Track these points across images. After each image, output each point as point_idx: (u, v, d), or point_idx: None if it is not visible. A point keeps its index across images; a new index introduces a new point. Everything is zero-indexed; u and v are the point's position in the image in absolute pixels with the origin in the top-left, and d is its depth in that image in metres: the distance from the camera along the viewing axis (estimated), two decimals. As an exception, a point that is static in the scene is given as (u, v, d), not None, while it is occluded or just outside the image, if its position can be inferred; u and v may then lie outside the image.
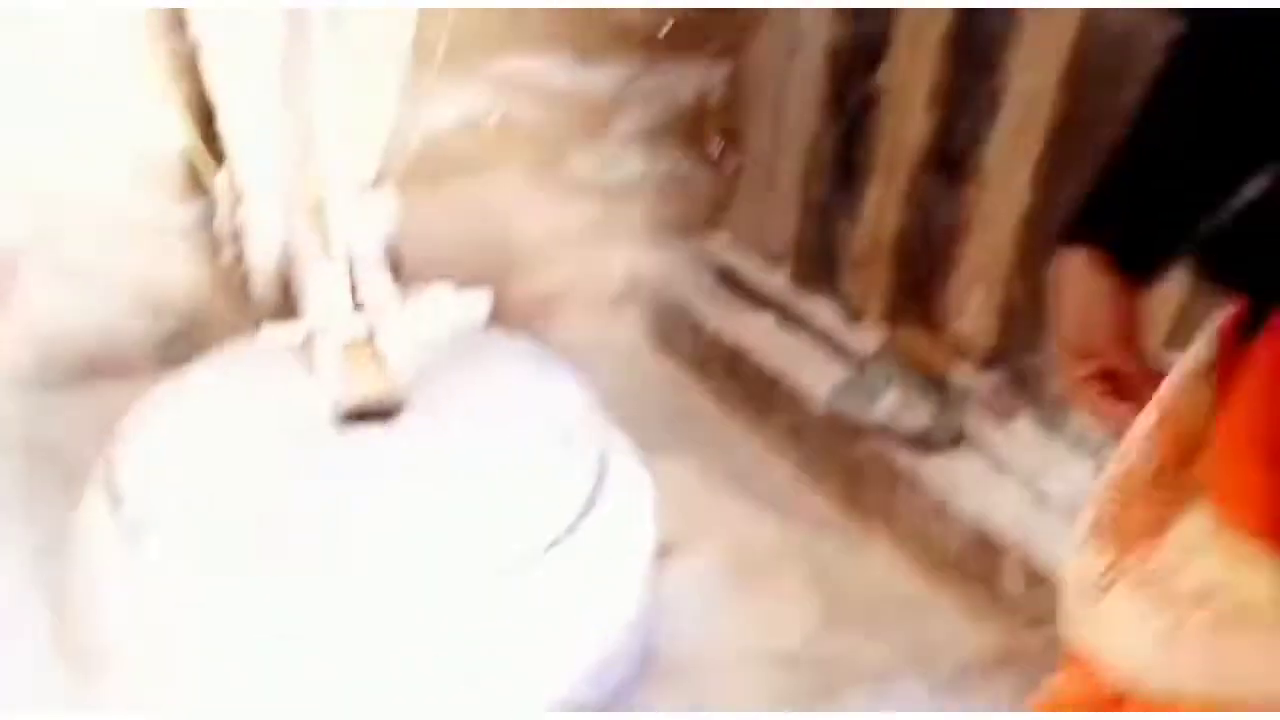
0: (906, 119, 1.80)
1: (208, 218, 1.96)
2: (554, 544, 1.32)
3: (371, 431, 1.38)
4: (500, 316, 1.60)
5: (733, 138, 2.38)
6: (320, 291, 1.48)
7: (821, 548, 1.76)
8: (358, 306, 1.49)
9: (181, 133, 1.78)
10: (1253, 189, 0.82)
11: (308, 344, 1.44)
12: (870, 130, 1.92)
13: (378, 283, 1.51)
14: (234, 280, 1.93)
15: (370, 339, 1.46)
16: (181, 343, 2.13)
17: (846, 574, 1.72)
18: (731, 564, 1.67)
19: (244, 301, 2.03)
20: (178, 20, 1.58)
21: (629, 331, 2.44)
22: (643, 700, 1.38)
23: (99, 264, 2.01)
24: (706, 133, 2.39)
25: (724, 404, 2.19)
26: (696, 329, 2.25)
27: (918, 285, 1.87)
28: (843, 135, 1.99)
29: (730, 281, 2.29)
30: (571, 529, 1.34)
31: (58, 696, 1.34)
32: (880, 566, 1.75)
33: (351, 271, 1.53)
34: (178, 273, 2.07)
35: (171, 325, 2.12)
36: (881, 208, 1.90)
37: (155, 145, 1.91)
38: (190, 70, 1.73)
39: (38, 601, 1.47)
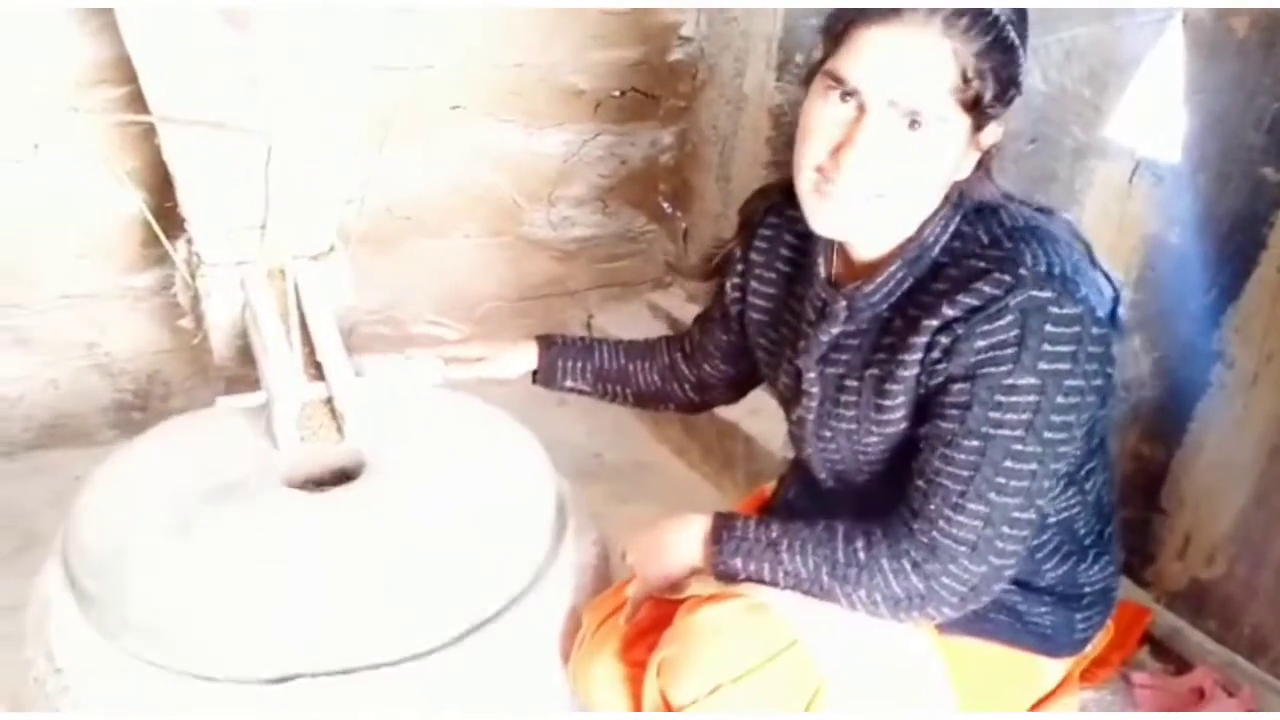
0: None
1: (166, 284, 1.98)
2: (515, 600, 1.34)
3: (331, 494, 1.39)
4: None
5: (683, 198, 2.45)
6: (277, 357, 1.50)
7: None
8: (315, 371, 1.51)
9: (136, 202, 1.81)
10: None
11: (265, 409, 1.46)
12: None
13: (335, 347, 1.53)
14: (191, 346, 1.95)
15: (328, 402, 1.48)
16: (139, 408, 2.14)
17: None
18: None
19: (203, 366, 2.05)
20: (136, 90, 1.61)
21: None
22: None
23: (55, 331, 2.02)
24: (657, 193, 2.47)
25: (682, 455, 2.23)
26: (652, 383, 2.29)
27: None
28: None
29: (684, 335, 2.34)
30: (532, 585, 1.36)
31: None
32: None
33: (309, 336, 1.56)
34: (136, 338, 2.09)
35: (130, 390, 2.13)
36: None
37: (112, 213, 1.93)
38: (148, 140, 1.77)
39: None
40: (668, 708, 1.08)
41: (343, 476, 1.45)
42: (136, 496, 1.38)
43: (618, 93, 2.28)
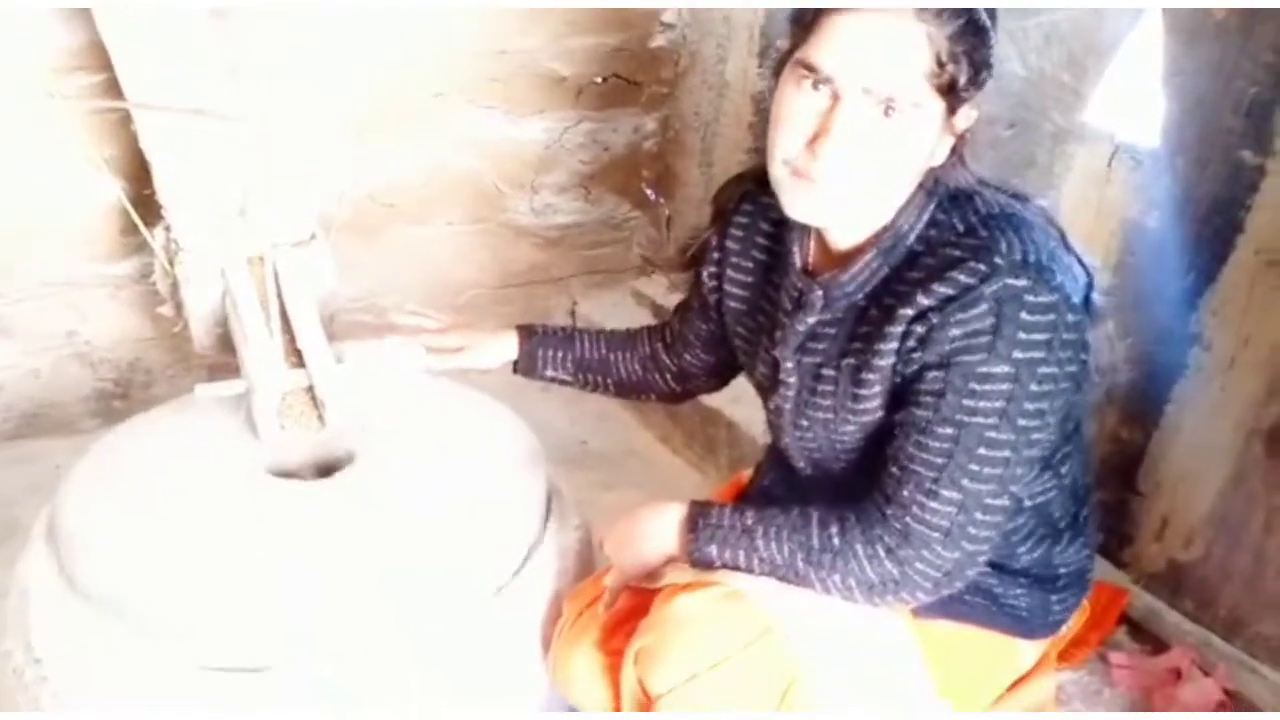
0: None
1: (145, 272, 1.97)
2: (500, 589, 1.34)
3: (313, 483, 1.39)
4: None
5: (667, 186, 2.45)
6: (257, 345, 1.50)
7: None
8: (296, 359, 1.51)
9: (114, 190, 1.80)
10: None
11: (246, 398, 1.46)
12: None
13: (316, 335, 1.53)
14: (171, 334, 1.94)
15: (309, 390, 1.47)
16: (121, 397, 2.13)
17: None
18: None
19: (184, 354, 2.04)
20: (112, 78, 1.59)
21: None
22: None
23: (35, 320, 2.01)
24: (640, 179, 2.46)
25: (666, 442, 2.23)
26: (636, 370, 2.29)
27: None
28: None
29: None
30: (517, 573, 1.36)
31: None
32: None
33: (289, 324, 1.55)
34: (116, 327, 2.08)
35: (111, 379, 2.12)
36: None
37: (90, 201, 1.92)
38: (125, 127, 1.75)
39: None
40: (646, 696, 1.08)
41: (326, 465, 1.45)
42: (118, 486, 1.38)
43: (599, 79, 2.28)
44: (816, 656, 1.04)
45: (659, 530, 1.13)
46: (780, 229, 1.16)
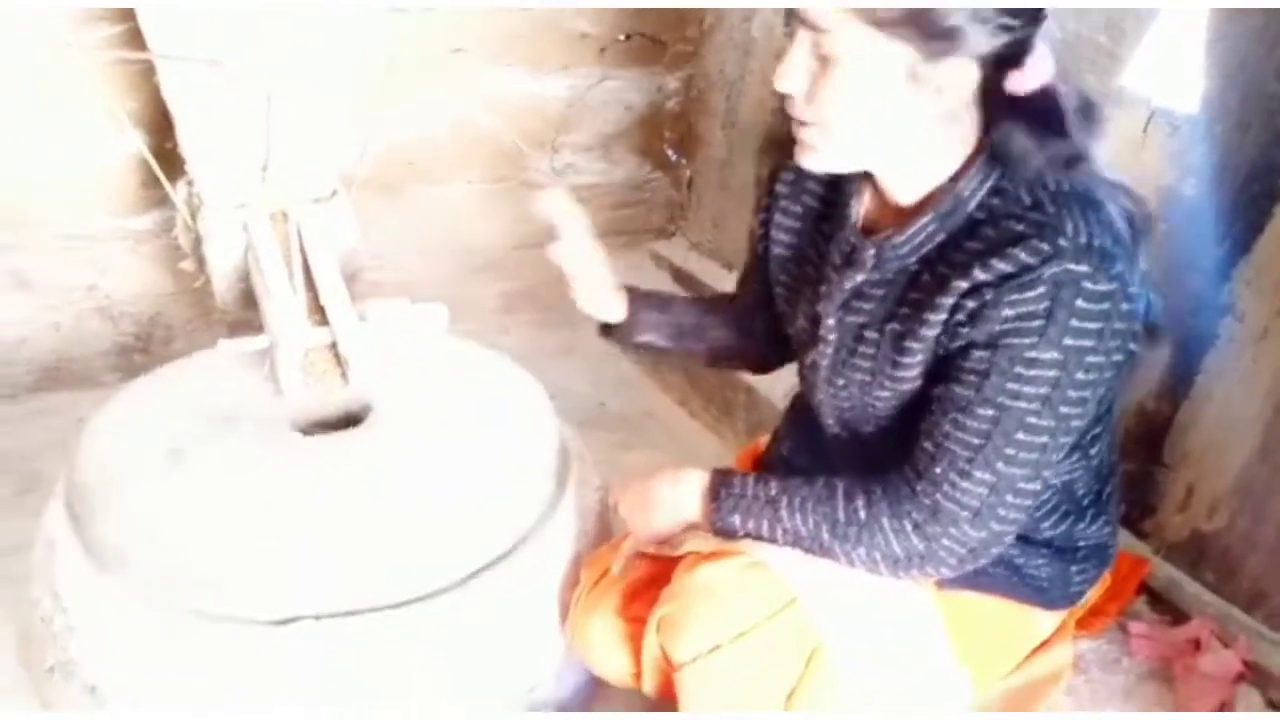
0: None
1: (167, 226, 1.97)
2: (518, 545, 1.34)
3: (335, 438, 1.39)
4: (462, 320, 1.62)
5: (689, 146, 2.42)
6: (280, 301, 1.49)
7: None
8: (319, 316, 1.50)
9: (136, 143, 1.79)
10: None
11: (269, 353, 1.46)
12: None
13: (338, 293, 1.52)
14: (195, 287, 1.94)
15: (332, 347, 1.47)
16: (141, 351, 2.13)
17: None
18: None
19: (205, 309, 2.04)
20: (134, 28, 1.58)
21: (589, 336, 2.46)
22: (602, 702, 1.41)
23: (56, 274, 2.01)
24: (662, 139, 2.44)
25: (684, 405, 2.22)
26: (655, 332, 2.28)
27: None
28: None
29: (688, 285, 2.33)
30: (534, 530, 1.36)
31: (17, 691, 1.35)
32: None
33: (312, 281, 1.55)
34: (137, 281, 2.08)
35: (131, 334, 2.13)
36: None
37: (112, 154, 1.91)
38: (147, 80, 1.74)
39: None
40: (668, 664, 1.08)
41: (348, 421, 1.45)
42: (139, 438, 1.38)
43: (623, 37, 2.25)
44: (840, 628, 1.04)
45: (678, 498, 1.12)
46: (838, 178, 1.12)
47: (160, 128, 1.77)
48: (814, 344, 1.13)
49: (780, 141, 1.16)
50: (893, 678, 1.06)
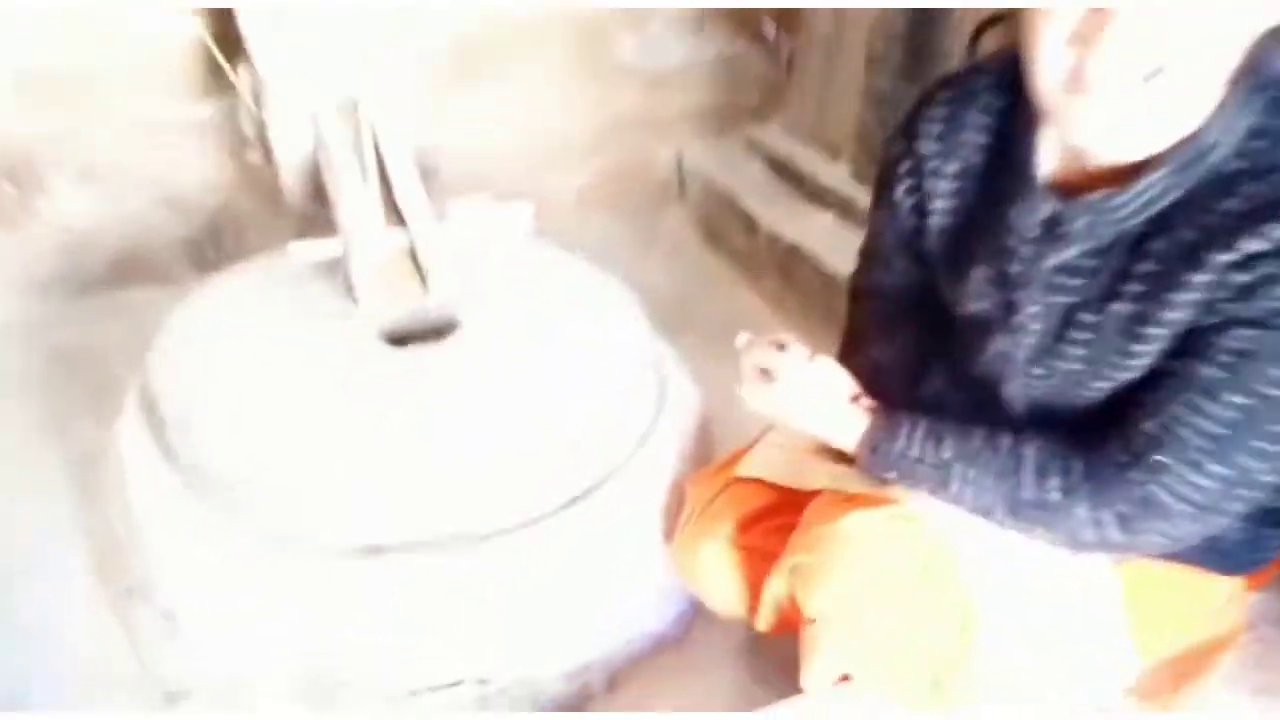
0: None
1: (232, 114, 1.86)
2: (615, 470, 1.26)
3: (422, 352, 1.30)
4: (541, 211, 1.50)
5: (789, 19, 2.22)
6: (353, 204, 1.38)
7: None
8: (396, 218, 1.39)
9: (198, 27, 1.67)
10: None
11: (344, 260, 1.35)
12: (943, 12, 1.75)
13: (415, 191, 1.40)
14: (262, 180, 1.84)
15: (410, 253, 1.36)
16: (212, 245, 2.06)
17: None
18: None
19: (275, 201, 1.94)
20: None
21: (677, 228, 2.34)
22: (702, 632, 1.33)
23: (123, 165, 1.93)
24: (760, 13, 2.24)
25: (780, 308, 2.08)
26: (749, 225, 2.13)
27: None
28: (913, 17, 1.82)
29: (785, 175, 2.17)
30: (632, 455, 1.28)
31: (97, 612, 1.32)
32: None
33: (386, 180, 1.43)
34: (205, 172, 1.99)
35: (201, 226, 2.05)
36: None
37: (173, 40, 1.79)
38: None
39: (72, 518, 1.45)
40: (794, 612, 0.98)
41: (431, 333, 1.35)
42: (213, 348, 1.32)
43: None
44: (999, 594, 0.92)
45: (832, 427, 0.98)
46: (1004, 122, 0.92)
47: (221, 13, 1.65)
48: (1007, 333, 0.93)
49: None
50: (1047, 661, 0.94)
